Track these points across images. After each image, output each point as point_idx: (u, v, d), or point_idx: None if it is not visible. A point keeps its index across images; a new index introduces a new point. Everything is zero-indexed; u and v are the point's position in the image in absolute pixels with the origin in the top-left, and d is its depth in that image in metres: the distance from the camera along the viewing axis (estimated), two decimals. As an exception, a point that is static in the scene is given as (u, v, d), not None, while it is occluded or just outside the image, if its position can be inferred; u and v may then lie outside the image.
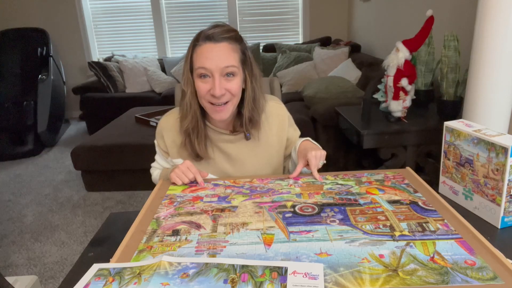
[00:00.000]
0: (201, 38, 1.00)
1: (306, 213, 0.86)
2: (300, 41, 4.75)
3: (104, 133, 2.96)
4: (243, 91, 1.07)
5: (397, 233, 0.76)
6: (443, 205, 0.87)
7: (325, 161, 1.09)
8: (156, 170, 1.25)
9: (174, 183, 1.06)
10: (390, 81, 1.89)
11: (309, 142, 1.16)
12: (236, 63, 1.00)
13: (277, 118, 1.17)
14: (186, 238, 0.78)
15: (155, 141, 1.21)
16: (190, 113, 1.06)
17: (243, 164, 1.16)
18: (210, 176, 1.14)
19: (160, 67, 4.51)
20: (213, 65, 0.98)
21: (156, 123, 1.23)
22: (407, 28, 2.85)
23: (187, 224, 0.84)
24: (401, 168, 1.10)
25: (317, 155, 1.05)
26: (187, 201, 0.96)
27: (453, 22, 2.24)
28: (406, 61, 1.83)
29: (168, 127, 1.15)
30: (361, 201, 0.90)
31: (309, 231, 0.78)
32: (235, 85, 1.02)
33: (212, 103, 1.02)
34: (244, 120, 1.08)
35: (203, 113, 1.10)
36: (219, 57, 0.98)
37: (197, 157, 1.12)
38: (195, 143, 1.09)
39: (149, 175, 1.29)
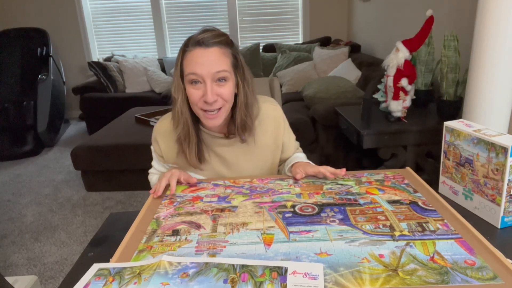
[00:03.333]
0: (190, 44, 0.97)
1: (306, 213, 0.86)
2: (300, 41, 4.75)
3: (104, 133, 2.96)
4: (236, 96, 1.05)
5: (397, 233, 0.76)
6: (443, 205, 0.87)
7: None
8: (154, 176, 1.24)
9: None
10: (390, 81, 1.89)
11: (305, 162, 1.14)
12: (227, 67, 0.98)
13: (273, 120, 1.15)
14: (186, 238, 0.79)
15: (152, 147, 1.20)
16: (181, 121, 1.04)
17: (239, 167, 1.15)
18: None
19: (160, 67, 4.51)
20: (204, 71, 0.95)
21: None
22: (407, 28, 2.85)
23: (187, 224, 0.84)
24: (401, 168, 1.10)
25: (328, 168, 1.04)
26: (187, 201, 0.96)
27: (453, 22, 2.24)
28: (406, 61, 1.84)
29: (162, 132, 1.14)
30: (361, 201, 0.90)
31: (309, 231, 0.78)
32: (227, 90, 0.99)
33: (204, 110, 1.00)
34: (236, 126, 1.06)
35: (196, 119, 1.07)
36: (210, 62, 0.95)
37: (191, 165, 1.11)
38: (187, 152, 1.07)
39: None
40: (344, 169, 1.04)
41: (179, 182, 1.06)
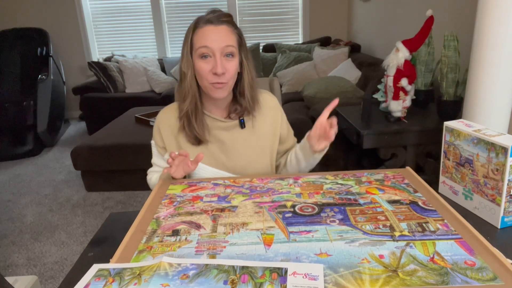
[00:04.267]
0: (201, 22, 1.06)
1: (306, 213, 0.86)
2: (300, 41, 4.75)
3: (104, 133, 2.96)
4: (239, 75, 1.12)
5: (397, 233, 0.76)
6: (443, 205, 0.87)
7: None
8: (155, 174, 1.23)
9: (174, 178, 1.08)
10: (390, 81, 1.89)
11: None
12: (234, 44, 1.06)
13: (270, 109, 1.21)
14: (186, 238, 0.78)
15: (152, 141, 1.22)
16: (190, 94, 1.10)
17: (237, 153, 1.17)
18: (205, 166, 1.15)
19: (160, 67, 4.51)
20: (214, 45, 1.03)
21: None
22: (407, 28, 2.85)
23: (187, 224, 0.84)
24: (401, 168, 1.10)
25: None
26: (187, 201, 0.96)
27: (453, 22, 2.24)
28: (406, 61, 1.83)
29: (164, 120, 1.18)
30: (361, 201, 0.90)
31: (309, 231, 0.78)
32: (233, 66, 1.07)
33: (212, 83, 1.05)
34: (246, 99, 1.13)
35: (200, 98, 1.14)
36: (220, 37, 1.03)
37: (195, 140, 1.14)
38: (194, 125, 1.12)
39: None
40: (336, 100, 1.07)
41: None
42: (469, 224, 0.78)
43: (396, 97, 1.90)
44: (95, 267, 0.70)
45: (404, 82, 1.85)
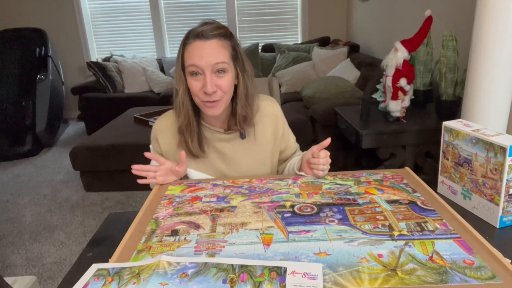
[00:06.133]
0: (191, 37, 1.00)
1: (305, 213, 0.86)
2: (299, 41, 4.75)
3: (103, 133, 2.95)
4: (236, 88, 1.07)
5: (396, 233, 0.76)
6: (441, 205, 0.87)
7: (328, 166, 1.07)
8: None
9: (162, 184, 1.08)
10: (388, 81, 1.89)
11: None
12: (226, 59, 1.01)
13: (271, 117, 1.17)
14: (185, 238, 0.78)
15: (150, 146, 1.20)
16: (182, 112, 1.07)
17: (238, 163, 1.15)
18: (205, 176, 1.14)
19: (159, 67, 4.51)
20: (203, 62, 0.98)
21: (155, 123, 1.23)
22: (406, 28, 2.85)
23: (186, 224, 0.84)
24: (400, 168, 1.11)
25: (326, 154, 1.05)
26: (186, 201, 0.96)
27: (451, 22, 2.25)
28: (404, 61, 1.84)
29: (161, 129, 1.15)
30: (360, 201, 0.90)
31: (308, 231, 0.78)
32: (226, 81, 1.01)
33: (204, 101, 1.03)
34: (238, 117, 1.08)
35: (197, 111, 1.10)
36: (210, 54, 0.98)
37: (192, 154, 1.12)
38: (189, 141, 1.09)
39: None
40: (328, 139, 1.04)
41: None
42: (467, 224, 0.79)
43: (395, 97, 1.90)
44: (94, 267, 0.70)
45: (403, 82, 1.85)
